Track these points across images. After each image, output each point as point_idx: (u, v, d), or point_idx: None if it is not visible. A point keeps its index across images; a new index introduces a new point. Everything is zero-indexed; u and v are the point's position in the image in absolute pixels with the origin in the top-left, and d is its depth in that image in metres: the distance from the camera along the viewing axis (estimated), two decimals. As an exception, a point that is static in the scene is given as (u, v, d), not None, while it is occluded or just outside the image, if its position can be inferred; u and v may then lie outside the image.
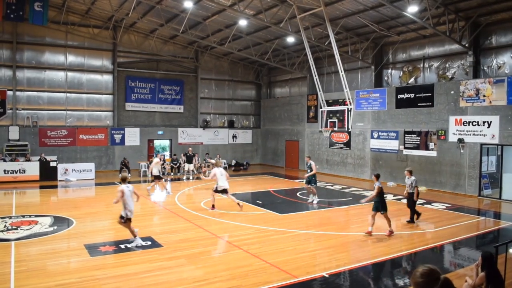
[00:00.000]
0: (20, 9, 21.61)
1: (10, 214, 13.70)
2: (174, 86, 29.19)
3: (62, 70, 25.56)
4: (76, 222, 12.70)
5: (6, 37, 23.97)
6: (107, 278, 8.09)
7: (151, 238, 10.78)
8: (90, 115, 26.61)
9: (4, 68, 24.11)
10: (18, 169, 21.50)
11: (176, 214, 14.07)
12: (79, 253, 9.64)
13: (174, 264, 8.90)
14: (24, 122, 24.54)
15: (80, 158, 24.92)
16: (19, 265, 8.69)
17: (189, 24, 23.04)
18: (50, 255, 9.45)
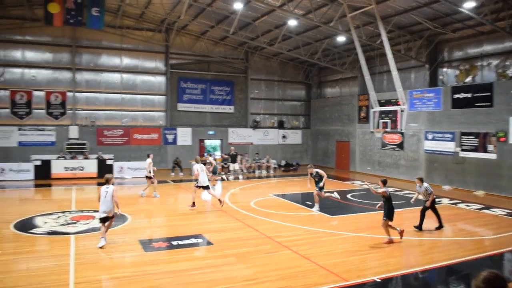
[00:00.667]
0: (79, 14, 22.68)
1: (70, 209, 14.41)
2: (225, 86, 29.59)
3: (117, 72, 26.60)
4: (131, 218, 13.15)
5: (66, 41, 25.26)
6: (159, 274, 8.34)
7: (201, 236, 10.98)
8: (144, 115, 27.50)
9: (65, 71, 25.42)
10: (77, 167, 22.59)
11: (226, 213, 14.25)
12: (134, 248, 9.99)
13: (224, 263, 9.02)
14: (83, 122, 25.75)
15: (134, 156, 25.77)
16: (78, 258, 9.14)
17: (239, 25, 23.28)
18: (106, 249, 9.86)
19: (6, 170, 21.88)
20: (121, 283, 7.82)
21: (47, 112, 25.00)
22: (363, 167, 26.30)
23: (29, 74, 24.83)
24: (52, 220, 12.83)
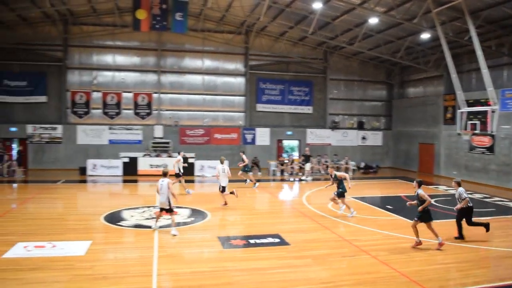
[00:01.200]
0: (164, 19, 23.77)
1: (154, 204, 15.11)
2: (303, 87, 29.44)
3: (199, 74, 27.54)
4: (210, 215, 13.51)
5: (152, 45, 26.66)
6: (237, 271, 8.46)
7: (279, 235, 10.99)
8: (224, 115, 28.21)
9: (151, 73, 26.85)
10: (161, 164, 23.63)
11: (303, 214, 14.15)
12: (213, 244, 10.24)
13: (301, 263, 8.95)
14: (167, 121, 26.99)
15: (214, 155, 26.44)
16: (160, 250, 9.56)
17: (318, 25, 23.03)
18: (187, 244, 10.21)
19: (97, 166, 23.60)
20: (200, 278, 8.05)
21: (134, 112, 26.59)
22: (449, 171, 24.79)
23: (119, 77, 26.57)
24: (138, 214, 13.55)
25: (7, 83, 25.39)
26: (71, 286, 7.52)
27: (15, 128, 25.46)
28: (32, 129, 25.58)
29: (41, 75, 25.78)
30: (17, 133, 25.59)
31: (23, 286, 7.47)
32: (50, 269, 8.34)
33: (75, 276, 7.98)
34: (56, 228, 11.62)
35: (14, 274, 8.06)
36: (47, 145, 25.64)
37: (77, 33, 25.78)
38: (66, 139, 25.85)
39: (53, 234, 10.84)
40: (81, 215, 13.83)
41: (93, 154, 25.32)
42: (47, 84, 25.87)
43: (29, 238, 10.37)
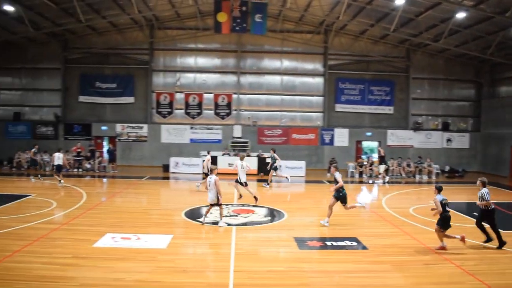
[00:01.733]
0: (243, 21, 24.18)
1: (232, 202, 15.43)
2: (384, 86, 28.45)
3: (278, 74, 27.70)
4: (287, 215, 13.49)
5: (232, 47, 27.28)
6: (313, 272, 8.35)
7: (356, 239, 10.69)
8: (302, 115, 28.10)
9: (231, 75, 27.50)
10: (239, 164, 24.07)
11: (382, 218, 13.65)
12: (289, 244, 10.20)
13: (379, 269, 8.62)
14: (246, 121, 27.45)
15: (292, 156, 26.45)
16: (238, 248, 9.70)
17: (400, 22, 22.15)
18: (263, 243, 10.27)
19: (180, 163, 24.60)
20: (276, 277, 8.05)
21: (215, 112, 27.40)
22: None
23: (200, 78, 27.53)
24: (216, 211, 13.86)
25: (99, 85, 27.42)
26: (153, 277, 7.87)
27: (106, 127, 27.42)
28: (121, 128, 27.34)
29: (129, 77, 27.48)
30: (107, 132, 27.52)
31: (111, 274, 7.95)
32: (134, 259, 8.80)
33: (157, 268, 8.35)
34: (140, 222, 12.25)
35: (103, 262, 8.62)
36: (133, 143, 27.27)
37: (162, 37, 27.10)
38: (151, 137, 27.29)
39: (138, 227, 11.44)
40: (163, 210, 14.47)
41: (175, 152, 26.46)
42: (135, 86, 27.51)
43: (116, 230, 11.04)
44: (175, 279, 7.79)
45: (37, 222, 11.96)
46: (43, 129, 27.70)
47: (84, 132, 27.49)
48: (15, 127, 27.78)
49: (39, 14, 22.19)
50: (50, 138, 27.48)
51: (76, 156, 24.58)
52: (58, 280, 7.61)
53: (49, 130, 27.67)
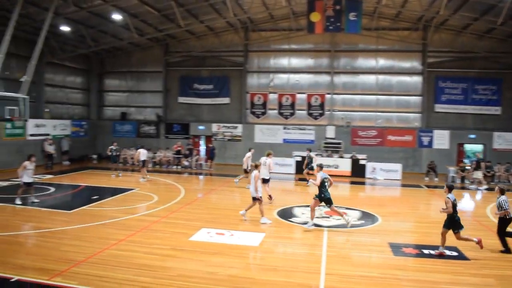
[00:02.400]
0: (337, 20, 23.76)
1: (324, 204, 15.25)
2: (490, 85, 26.17)
3: (373, 73, 26.83)
4: (381, 220, 13.05)
5: (326, 47, 26.96)
6: (408, 280, 7.98)
7: (456, 248, 9.99)
8: (398, 116, 26.91)
9: (324, 75, 27.22)
10: (332, 164, 23.76)
11: (486, 227, 12.50)
12: (382, 250, 9.84)
13: (481, 282, 7.97)
14: (339, 122, 27.00)
15: (387, 158, 25.50)
16: (329, 250, 9.58)
17: (508, 15, 20.24)
18: (355, 246, 10.03)
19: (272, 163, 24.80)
20: (368, 282, 7.82)
21: (307, 113, 27.32)
22: None
23: (293, 79, 27.61)
24: (309, 212, 13.81)
25: (197, 87, 28.76)
26: (245, 273, 8.06)
27: (203, 127, 28.67)
28: (217, 128, 28.40)
29: (225, 79, 28.43)
30: (204, 131, 28.75)
31: (206, 267, 8.29)
32: (228, 255, 9.08)
33: (249, 264, 8.55)
34: (234, 219, 12.60)
35: (198, 256, 9.02)
36: (228, 142, 28.17)
37: (256, 39, 27.64)
38: (245, 137, 27.96)
39: (231, 224, 11.79)
40: (256, 208, 14.72)
41: (268, 153, 26.81)
42: (230, 87, 28.42)
43: (211, 225, 11.49)
44: (266, 276, 7.90)
45: (140, 214, 12.87)
46: (146, 128, 29.76)
47: (183, 131, 29.03)
48: (121, 126, 30.26)
49: (143, 21, 23.90)
50: (152, 136, 29.48)
51: (176, 154, 26.04)
52: (157, 269, 8.11)
53: (151, 129, 29.66)
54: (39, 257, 8.72)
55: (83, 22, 23.25)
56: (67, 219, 12.21)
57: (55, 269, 8.00)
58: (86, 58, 29.91)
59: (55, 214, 12.89)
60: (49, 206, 13.92)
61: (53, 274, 7.74)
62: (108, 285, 7.28)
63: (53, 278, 7.57)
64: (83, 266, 8.23)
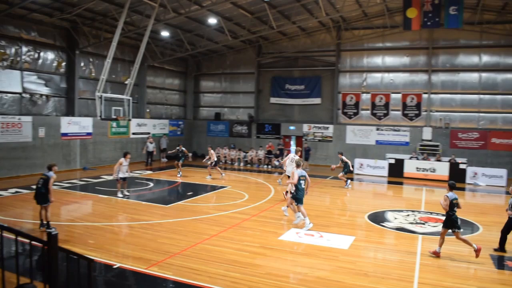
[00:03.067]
0: (436, 16, 22.52)
1: (419, 209, 14.61)
2: None
3: (475, 71, 24.97)
4: (482, 229, 12.20)
5: (423, 44, 25.66)
6: (514, 296, 7.39)
7: None
8: (505, 117, 24.69)
9: (421, 73, 25.94)
10: (428, 168, 22.62)
11: None
12: (483, 261, 9.17)
13: None
14: (437, 123, 25.58)
15: (490, 162, 23.66)
16: (423, 258, 9.17)
17: None
18: (452, 256, 9.45)
19: (364, 165, 24.31)
20: (466, 294, 7.38)
21: (402, 113, 26.24)
22: None
23: (388, 78, 26.69)
24: (402, 217, 13.34)
25: (289, 87, 29.01)
26: (333, 276, 8.00)
27: (293, 127, 28.85)
28: (307, 128, 28.39)
29: (316, 79, 28.32)
30: (295, 131, 28.91)
31: (294, 267, 8.39)
32: (316, 256, 9.08)
33: (338, 267, 8.46)
34: (324, 220, 12.55)
35: (287, 255, 9.15)
36: (319, 143, 28.03)
37: (348, 38, 27.14)
38: (336, 138, 27.63)
39: (321, 225, 11.75)
40: (346, 211, 14.55)
41: (360, 153, 26.27)
42: (321, 87, 28.24)
43: (300, 226, 11.53)
44: (356, 281, 7.78)
45: (232, 211, 13.32)
46: (238, 128, 30.65)
47: (274, 131, 29.46)
48: (215, 125, 31.51)
49: (237, 24, 24.67)
50: (244, 136, 30.30)
51: (267, 153, 26.51)
52: (247, 266, 8.36)
53: (243, 129, 30.49)
54: (138, 247, 9.44)
55: (181, 27, 24.63)
56: (164, 213, 13.06)
57: (152, 259, 8.60)
58: (183, 61, 31.58)
59: (153, 208, 13.84)
60: (148, 200, 14.99)
61: (150, 264, 8.33)
62: (201, 278, 7.65)
63: (150, 268, 8.14)
64: (177, 258, 8.75)
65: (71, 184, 17.74)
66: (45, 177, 10.55)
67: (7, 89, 19.70)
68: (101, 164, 23.25)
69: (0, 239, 4.31)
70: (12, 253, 7.75)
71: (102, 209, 13.69)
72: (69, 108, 22.81)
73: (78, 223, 11.65)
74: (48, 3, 19.14)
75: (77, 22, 21.88)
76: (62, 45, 22.30)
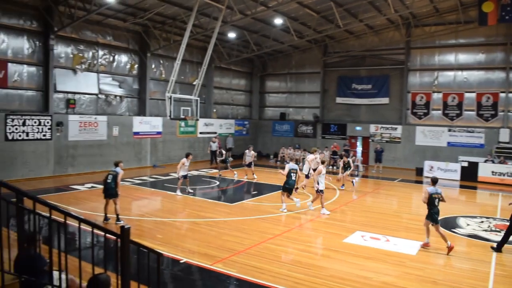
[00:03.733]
0: (516, 9, 21.08)
1: (494, 216, 13.78)
2: None
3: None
4: None
5: (500, 39, 24.03)
6: None
7: None
8: None
9: (498, 71, 24.33)
10: (505, 172, 21.22)
11: None
12: None
13: None
14: (515, 124, 23.98)
15: None
16: (498, 268, 8.64)
17: None
18: (532, 267, 8.85)
19: (434, 168, 23.21)
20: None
21: (477, 113, 24.78)
22: None
23: (461, 76, 25.33)
24: (475, 223, 12.66)
25: (355, 87, 28.47)
26: (400, 282, 7.75)
27: (360, 127, 28.25)
28: (375, 129, 27.68)
29: (384, 78, 27.53)
30: (361, 132, 28.29)
31: (359, 271, 8.22)
32: (382, 261, 8.85)
33: (405, 273, 8.19)
34: (390, 224, 12.20)
35: (351, 258, 8.99)
36: (387, 144, 27.17)
37: (419, 35, 26.07)
38: (405, 139, 26.70)
39: (387, 229, 11.44)
40: (414, 215, 14.00)
41: (430, 156, 25.13)
42: (390, 87, 27.39)
43: (366, 229, 11.32)
44: (424, 289, 7.50)
45: (296, 212, 13.33)
46: (303, 128, 30.55)
47: (339, 132, 29.02)
48: (280, 125, 31.62)
49: (303, 23, 24.57)
50: (309, 136, 30.14)
51: (332, 154, 26.18)
52: (310, 267, 8.33)
53: (308, 129, 30.34)
54: (204, 243, 9.71)
55: (247, 28, 24.97)
56: (228, 211, 13.34)
57: (217, 256, 8.81)
58: (249, 61, 31.98)
59: (218, 206, 14.19)
60: (213, 198, 15.38)
61: (215, 260, 8.54)
62: (264, 277, 7.73)
63: (215, 264, 8.35)
64: (241, 256, 8.90)
65: (141, 181, 18.59)
66: (114, 173, 11.31)
67: (85, 91, 21.03)
68: (169, 162, 24.15)
69: (78, 230, 4.61)
70: (88, 244, 8.29)
71: (170, 206, 14.25)
72: (140, 108, 23.92)
73: (148, 218, 12.20)
74: (122, 9, 20.20)
75: (149, 26, 22.89)
76: (134, 48, 23.44)
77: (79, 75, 20.59)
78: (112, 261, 7.39)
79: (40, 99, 19.10)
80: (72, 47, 20.33)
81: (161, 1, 19.67)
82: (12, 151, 17.33)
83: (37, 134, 18.17)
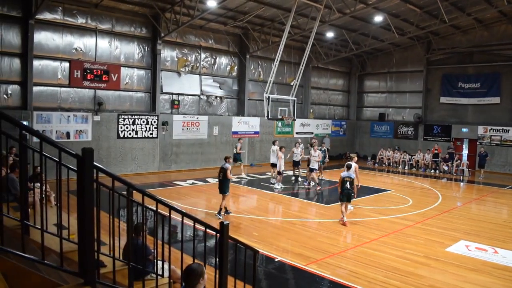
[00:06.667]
0: None
1: None
2: None
3: None
4: None
5: None
6: None
7: None
8: None
9: None
10: None
11: None
12: None
13: None
14: None
15: None
16: None
17: None
18: None
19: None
20: None
21: None
22: None
23: None
24: None
25: (462, 86, 26.58)
26: (509, 298, 7.18)
27: (466, 129, 26.32)
28: (483, 131, 25.61)
29: (494, 76, 25.35)
30: (467, 134, 26.36)
31: (461, 283, 7.75)
32: (489, 274, 8.25)
33: (515, 289, 7.57)
34: (499, 234, 11.28)
35: (454, 269, 8.49)
36: (497, 147, 25.02)
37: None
38: (518, 142, 24.40)
39: (496, 240, 10.61)
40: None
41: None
42: (501, 85, 25.15)
43: (471, 238, 10.60)
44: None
45: (394, 216, 12.90)
46: (404, 129, 29.27)
47: (443, 134, 27.32)
48: (379, 126, 30.62)
49: (404, 20, 23.49)
50: (409, 138, 28.80)
51: (433, 157, 24.80)
52: (408, 275, 8.04)
53: (409, 130, 29.00)
54: (298, 243, 9.82)
55: (345, 27, 24.54)
56: (324, 212, 13.33)
57: (311, 257, 8.86)
58: (347, 61, 31.42)
59: (314, 206, 14.24)
60: (309, 199, 15.42)
61: (309, 261, 8.60)
62: (358, 281, 7.62)
63: (309, 265, 8.40)
64: (336, 258, 8.85)
65: (239, 179, 19.21)
66: (224, 169, 12.10)
67: (188, 92, 22.27)
68: (266, 162, 24.59)
69: (181, 224, 4.95)
70: (189, 238, 8.82)
71: (266, 204, 14.59)
72: (239, 108, 24.72)
73: (244, 215, 12.62)
74: (223, 13, 21.03)
75: (248, 28, 23.56)
76: (234, 51, 24.27)
77: (183, 77, 21.85)
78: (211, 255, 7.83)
79: (148, 100, 20.65)
80: (177, 51, 21.66)
81: (260, 3, 20.15)
82: (123, 148, 19.03)
83: (145, 133, 19.73)
